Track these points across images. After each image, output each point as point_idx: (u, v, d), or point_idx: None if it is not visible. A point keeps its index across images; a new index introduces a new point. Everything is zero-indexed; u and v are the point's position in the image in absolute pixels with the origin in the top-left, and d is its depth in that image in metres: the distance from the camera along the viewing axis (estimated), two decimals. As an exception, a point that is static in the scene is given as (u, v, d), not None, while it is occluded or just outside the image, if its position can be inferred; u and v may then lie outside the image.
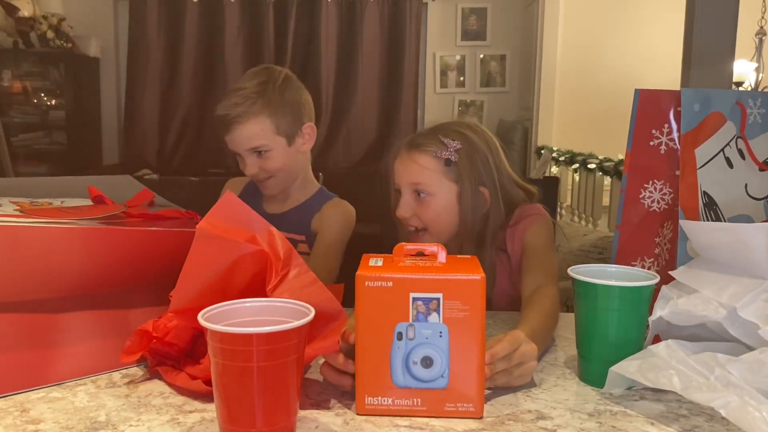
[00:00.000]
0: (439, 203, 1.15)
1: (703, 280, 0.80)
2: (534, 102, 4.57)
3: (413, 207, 1.17)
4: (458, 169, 1.14)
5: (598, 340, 0.82)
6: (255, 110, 1.29)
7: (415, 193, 1.17)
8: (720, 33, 1.59)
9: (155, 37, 4.48)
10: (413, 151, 1.16)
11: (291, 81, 1.37)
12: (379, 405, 0.72)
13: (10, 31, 4.07)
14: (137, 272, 0.91)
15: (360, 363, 0.72)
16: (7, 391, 0.76)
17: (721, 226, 0.81)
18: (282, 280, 0.74)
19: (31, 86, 4.28)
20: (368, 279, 0.71)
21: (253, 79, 1.33)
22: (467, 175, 1.14)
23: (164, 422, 0.70)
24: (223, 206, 0.78)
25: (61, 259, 0.82)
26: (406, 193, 1.17)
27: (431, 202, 1.15)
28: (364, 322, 0.71)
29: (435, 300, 0.70)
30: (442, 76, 4.83)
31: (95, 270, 0.86)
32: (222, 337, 0.61)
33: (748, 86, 4.18)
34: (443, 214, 1.16)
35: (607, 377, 0.79)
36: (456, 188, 1.15)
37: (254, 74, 1.35)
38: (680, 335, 0.80)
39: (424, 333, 0.71)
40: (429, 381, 0.71)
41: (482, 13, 4.75)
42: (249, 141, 1.31)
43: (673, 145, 0.98)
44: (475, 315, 0.70)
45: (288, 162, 1.36)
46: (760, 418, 0.63)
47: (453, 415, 0.72)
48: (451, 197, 1.16)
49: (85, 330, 0.86)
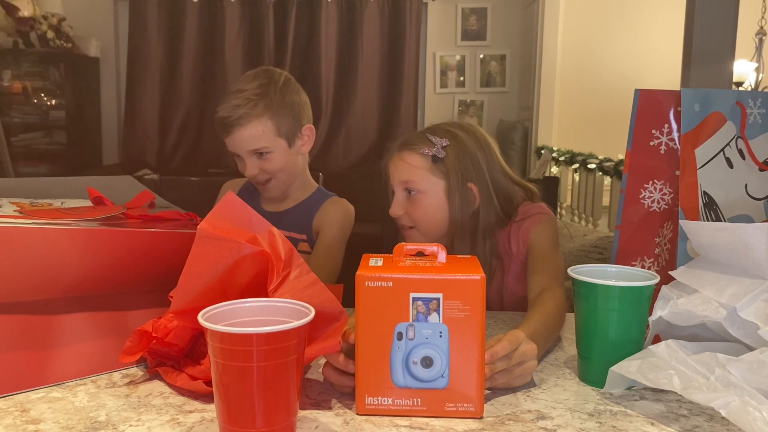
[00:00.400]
0: (429, 201, 1.18)
1: (703, 280, 0.80)
2: (534, 102, 4.57)
3: (405, 206, 1.20)
4: (445, 166, 1.17)
5: (598, 340, 0.82)
6: (257, 112, 1.30)
7: (407, 192, 1.19)
8: (720, 33, 1.59)
9: (155, 37, 4.48)
10: (403, 151, 1.19)
11: (291, 83, 1.38)
12: (379, 405, 0.72)
13: (10, 31, 4.07)
14: (137, 274, 0.91)
15: (360, 363, 0.72)
16: (7, 391, 0.76)
17: (721, 226, 0.81)
18: (283, 281, 0.74)
19: (31, 86, 4.28)
20: (368, 279, 0.71)
21: (253, 80, 1.33)
22: (454, 171, 1.17)
23: (164, 422, 0.70)
24: (224, 207, 0.78)
25: (60, 260, 0.82)
26: (398, 192, 1.20)
27: (421, 200, 1.18)
28: (364, 322, 0.71)
29: (435, 300, 0.70)
30: (442, 76, 4.83)
31: (94, 271, 0.86)
32: (222, 337, 0.61)
33: (748, 86, 4.18)
34: (432, 212, 1.18)
35: (607, 377, 0.79)
36: (444, 184, 1.17)
37: (254, 76, 1.35)
38: (680, 335, 0.80)
39: (424, 333, 0.71)
40: (429, 381, 0.71)
41: (482, 13, 4.75)
42: (250, 143, 1.31)
43: (673, 145, 0.98)
44: (475, 315, 0.70)
45: (288, 164, 1.37)
46: (761, 418, 0.63)
47: (453, 415, 0.72)
48: (440, 194, 1.18)
49: (84, 331, 0.86)
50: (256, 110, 1.30)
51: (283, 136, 1.34)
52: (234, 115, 1.29)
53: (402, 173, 1.19)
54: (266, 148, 1.32)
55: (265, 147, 1.32)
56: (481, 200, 1.18)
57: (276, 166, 1.34)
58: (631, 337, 0.81)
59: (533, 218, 1.20)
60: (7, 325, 0.79)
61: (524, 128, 4.64)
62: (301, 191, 1.45)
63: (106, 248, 0.86)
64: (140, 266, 0.91)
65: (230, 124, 1.30)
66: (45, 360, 0.80)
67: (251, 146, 1.31)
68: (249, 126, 1.30)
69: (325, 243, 1.38)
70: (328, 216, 1.40)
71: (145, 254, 0.91)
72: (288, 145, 1.35)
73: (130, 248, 0.89)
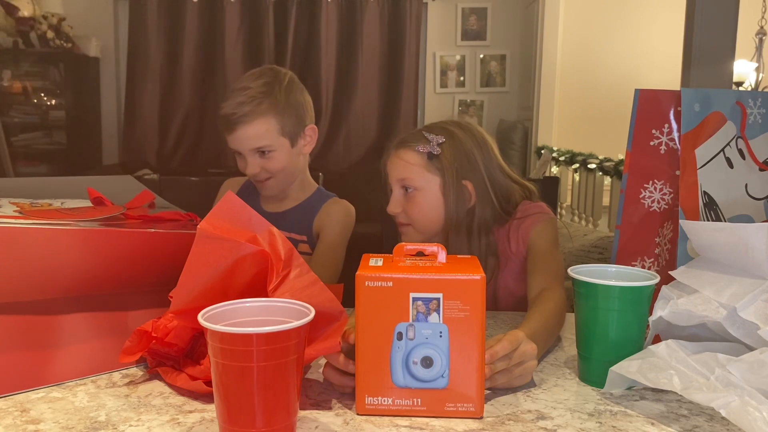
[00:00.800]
0: (425, 198, 1.19)
1: (704, 280, 0.80)
2: (534, 102, 4.57)
3: (402, 203, 1.21)
4: (441, 163, 1.18)
5: (598, 340, 0.82)
6: (261, 110, 1.30)
7: (404, 189, 1.20)
8: (720, 33, 1.59)
9: (155, 37, 4.48)
10: (399, 149, 1.21)
11: (295, 82, 1.38)
12: (379, 405, 0.72)
13: (10, 31, 4.07)
14: (136, 274, 0.91)
15: (360, 363, 0.72)
16: (6, 391, 0.76)
17: (721, 226, 0.81)
18: (283, 281, 0.74)
19: (31, 86, 4.28)
20: (368, 279, 0.71)
21: (258, 78, 1.33)
22: (449, 168, 1.18)
23: (164, 422, 0.70)
24: (224, 206, 0.78)
25: (60, 261, 0.82)
26: (395, 190, 1.22)
27: (417, 197, 1.19)
28: (364, 322, 0.71)
29: (435, 300, 0.70)
30: (442, 76, 4.83)
31: (94, 271, 0.86)
32: (222, 337, 0.61)
33: (748, 86, 4.18)
34: (428, 209, 1.19)
35: (606, 377, 0.79)
36: (439, 181, 1.18)
37: (259, 74, 1.35)
38: (681, 335, 0.80)
39: (424, 333, 0.71)
40: (429, 381, 0.71)
41: (482, 13, 4.75)
42: (254, 141, 1.31)
43: (673, 145, 0.98)
44: (476, 315, 0.70)
45: (289, 163, 1.36)
46: (761, 418, 0.63)
47: (453, 415, 0.72)
48: (436, 191, 1.19)
49: (83, 331, 0.86)
50: (261, 108, 1.30)
51: (286, 135, 1.33)
52: (238, 112, 1.29)
53: (399, 170, 1.20)
54: (269, 147, 1.32)
55: (268, 145, 1.32)
56: (477, 197, 1.19)
57: (278, 165, 1.34)
58: (631, 336, 0.81)
59: (533, 217, 1.20)
60: (7, 325, 0.79)
61: (524, 128, 4.64)
62: (301, 192, 1.44)
63: (105, 248, 0.86)
64: (140, 266, 0.91)
65: (234, 122, 1.30)
66: (45, 360, 0.80)
67: (254, 144, 1.31)
68: (253, 124, 1.29)
69: (326, 244, 1.38)
70: (329, 217, 1.40)
71: (145, 255, 0.91)
72: (291, 145, 1.35)
73: (129, 248, 0.89)
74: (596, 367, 0.82)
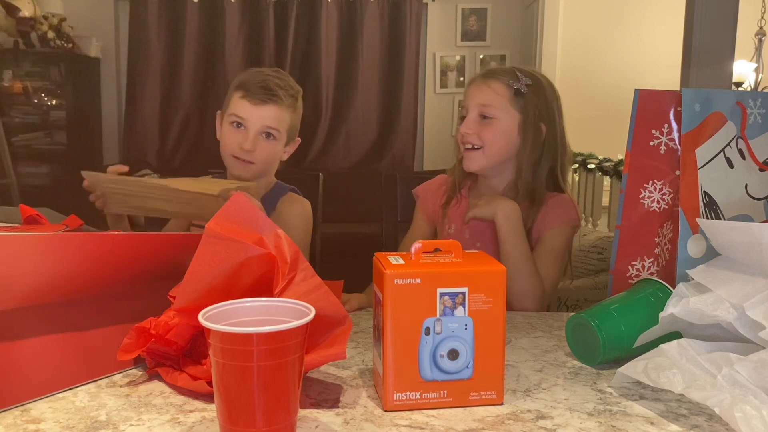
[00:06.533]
0: (500, 127, 1.26)
1: (720, 279, 0.80)
2: (534, 102, 4.56)
3: (476, 127, 1.27)
4: (525, 102, 1.26)
5: (619, 323, 0.85)
6: (288, 102, 1.38)
7: (481, 116, 1.27)
8: (720, 33, 1.59)
9: (155, 38, 4.48)
10: (489, 78, 1.29)
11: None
12: (407, 400, 0.73)
13: (11, 31, 4.07)
14: (96, 282, 0.84)
15: (389, 360, 0.73)
16: (7, 404, 0.73)
17: (735, 225, 0.80)
18: (289, 284, 0.74)
19: (32, 86, 4.27)
20: (397, 276, 0.71)
21: (289, 78, 1.41)
22: (532, 108, 1.26)
23: (164, 422, 0.70)
24: (231, 207, 0.78)
25: (19, 269, 0.74)
26: (472, 113, 1.28)
27: (494, 125, 1.26)
28: (393, 319, 0.72)
29: (461, 294, 0.72)
30: (442, 76, 4.82)
31: (54, 279, 0.78)
32: (222, 336, 0.61)
33: (748, 86, 4.18)
34: (501, 137, 1.27)
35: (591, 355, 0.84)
36: (519, 117, 1.26)
37: (286, 75, 1.42)
38: (701, 335, 0.80)
39: (451, 327, 0.72)
40: (455, 372, 0.73)
41: (482, 13, 4.75)
42: (270, 120, 1.36)
43: (673, 145, 0.98)
44: (498, 306, 0.73)
45: (273, 159, 1.42)
46: (758, 417, 0.62)
47: (477, 404, 0.74)
48: (513, 125, 1.26)
49: (50, 343, 0.80)
50: (288, 101, 1.38)
51: (286, 133, 1.40)
52: (272, 85, 1.35)
53: (483, 96, 1.27)
54: (275, 132, 1.37)
55: (276, 131, 1.37)
56: (547, 143, 1.27)
57: (265, 154, 1.38)
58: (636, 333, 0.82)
59: (560, 217, 1.26)
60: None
61: (524, 128, 4.63)
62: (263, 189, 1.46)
63: (66, 255, 0.78)
64: (103, 273, 0.83)
65: (264, 94, 1.34)
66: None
67: (269, 123, 1.36)
68: (276, 107, 1.36)
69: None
70: (285, 222, 1.38)
71: (109, 260, 0.83)
72: (284, 143, 1.41)
73: (101, 254, 0.81)
74: (595, 343, 0.84)
